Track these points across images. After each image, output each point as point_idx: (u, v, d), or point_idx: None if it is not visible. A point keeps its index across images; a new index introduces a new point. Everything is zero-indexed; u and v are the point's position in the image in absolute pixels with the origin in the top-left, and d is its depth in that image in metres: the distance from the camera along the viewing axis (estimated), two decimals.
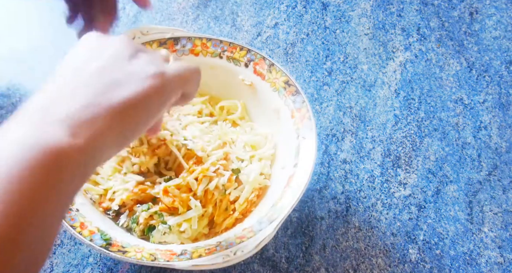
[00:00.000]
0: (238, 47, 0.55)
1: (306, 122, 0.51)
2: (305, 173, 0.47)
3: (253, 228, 0.46)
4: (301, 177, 0.47)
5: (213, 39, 0.55)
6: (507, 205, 0.57)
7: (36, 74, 0.63)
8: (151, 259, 0.43)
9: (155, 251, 0.45)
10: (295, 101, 0.52)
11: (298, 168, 0.49)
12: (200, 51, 0.55)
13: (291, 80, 0.53)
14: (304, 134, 0.50)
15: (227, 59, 0.55)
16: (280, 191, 0.48)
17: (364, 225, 0.55)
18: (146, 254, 0.44)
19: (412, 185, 0.58)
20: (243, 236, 0.45)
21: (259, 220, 0.46)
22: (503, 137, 0.62)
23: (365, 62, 0.67)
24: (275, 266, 0.53)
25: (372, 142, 0.61)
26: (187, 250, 0.45)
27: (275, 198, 0.48)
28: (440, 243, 0.55)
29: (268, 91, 0.54)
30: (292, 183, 0.48)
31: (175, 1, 0.71)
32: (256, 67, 0.54)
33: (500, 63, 0.67)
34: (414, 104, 0.64)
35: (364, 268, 0.53)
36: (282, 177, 0.50)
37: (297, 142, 0.50)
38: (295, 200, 0.46)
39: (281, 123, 0.53)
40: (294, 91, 0.52)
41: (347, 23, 0.70)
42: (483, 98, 0.65)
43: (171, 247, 0.46)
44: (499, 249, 0.55)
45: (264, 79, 0.54)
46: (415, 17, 0.71)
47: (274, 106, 0.54)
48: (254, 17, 0.70)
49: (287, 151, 0.52)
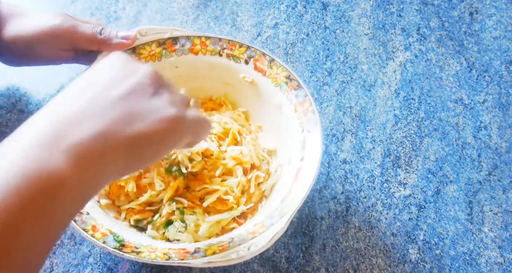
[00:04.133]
0: (237, 44, 0.55)
1: (310, 116, 0.50)
2: (313, 166, 0.47)
3: (265, 223, 0.46)
4: (308, 170, 0.47)
5: (212, 37, 0.55)
6: (507, 205, 0.57)
7: (36, 74, 0.63)
8: (165, 258, 0.43)
9: (168, 250, 0.44)
10: (298, 95, 0.52)
11: (305, 161, 0.49)
12: (200, 50, 0.55)
13: (292, 75, 0.53)
14: (309, 128, 0.50)
15: (227, 57, 0.55)
16: (288, 186, 0.48)
17: (364, 225, 0.55)
18: (160, 253, 0.44)
19: (412, 185, 0.58)
20: (255, 231, 0.45)
21: (269, 215, 0.46)
22: (503, 137, 0.62)
23: (365, 62, 0.67)
24: (275, 266, 0.53)
25: (372, 142, 0.61)
26: (200, 248, 0.45)
27: (284, 193, 0.48)
28: (440, 243, 0.55)
29: (270, 87, 0.54)
30: (300, 177, 0.48)
31: (175, 1, 0.71)
32: (256, 63, 0.54)
33: (500, 63, 0.67)
34: (414, 104, 0.64)
35: (364, 268, 0.53)
36: (289, 171, 0.50)
37: (302, 136, 0.50)
38: (305, 193, 0.45)
39: (284, 118, 0.53)
40: (296, 85, 0.52)
41: (347, 23, 0.70)
42: (483, 98, 0.65)
43: (184, 246, 0.46)
44: (499, 249, 0.55)
45: (265, 75, 0.54)
46: (415, 17, 0.71)
47: (276, 101, 0.54)
48: (254, 17, 0.70)
49: (292, 145, 0.51)
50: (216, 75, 0.56)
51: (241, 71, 0.55)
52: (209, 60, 0.55)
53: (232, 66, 0.55)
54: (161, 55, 0.55)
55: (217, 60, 0.55)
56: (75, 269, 0.51)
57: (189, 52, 0.55)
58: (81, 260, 0.52)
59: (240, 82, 0.56)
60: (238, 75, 0.55)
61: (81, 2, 0.71)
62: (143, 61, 0.54)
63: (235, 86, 0.57)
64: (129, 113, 0.31)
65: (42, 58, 0.54)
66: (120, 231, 0.46)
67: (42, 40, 0.51)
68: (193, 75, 0.57)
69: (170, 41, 0.55)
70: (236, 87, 0.57)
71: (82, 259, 0.52)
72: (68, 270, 0.51)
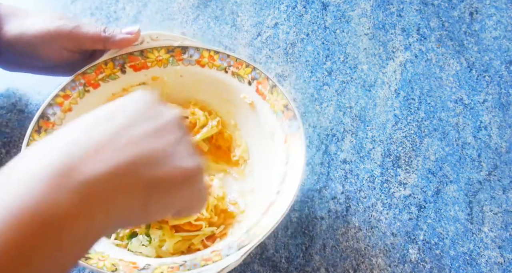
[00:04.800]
0: (244, 63, 0.54)
1: (297, 150, 0.49)
2: (286, 202, 0.46)
3: (222, 252, 0.44)
4: (280, 205, 0.46)
5: (220, 52, 0.54)
6: (507, 205, 0.57)
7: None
8: (112, 269, 0.42)
9: (118, 261, 0.44)
10: (291, 126, 0.51)
11: (280, 195, 0.47)
12: (207, 63, 0.55)
13: (290, 104, 0.51)
14: (293, 161, 0.49)
15: (232, 74, 0.54)
16: (257, 217, 0.47)
17: (364, 225, 0.55)
18: (109, 263, 0.43)
19: (412, 185, 0.58)
20: (209, 258, 0.44)
21: (229, 244, 0.45)
22: (503, 137, 0.62)
23: (365, 62, 0.67)
24: (275, 266, 0.53)
25: (372, 142, 0.61)
26: (150, 265, 0.44)
27: (251, 224, 0.47)
28: (440, 243, 0.55)
29: (267, 112, 0.53)
30: (270, 212, 0.46)
31: (175, 1, 0.71)
32: (259, 86, 0.53)
33: (500, 63, 0.67)
34: (414, 104, 0.64)
35: (364, 268, 0.53)
36: (262, 202, 0.49)
37: (284, 168, 0.49)
38: (269, 229, 0.44)
39: (273, 147, 0.52)
40: (292, 116, 0.51)
41: (347, 23, 0.70)
42: (483, 98, 0.65)
43: (135, 259, 0.45)
44: (499, 249, 0.55)
45: (265, 99, 0.53)
46: (415, 17, 0.71)
47: (270, 128, 0.53)
48: (254, 17, 0.70)
49: (273, 176, 0.50)
50: (218, 90, 0.56)
51: (243, 91, 0.54)
52: (214, 74, 0.55)
53: (235, 84, 0.54)
54: (168, 62, 0.55)
55: (222, 76, 0.55)
56: (75, 269, 0.51)
57: (196, 63, 0.55)
58: None
59: (240, 102, 0.55)
60: (239, 95, 0.55)
61: (81, 2, 0.71)
62: (149, 64, 0.54)
63: (235, 104, 0.56)
64: (149, 154, 0.29)
65: (45, 59, 0.54)
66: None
67: (46, 39, 0.51)
68: (196, 87, 0.56)
69: (179, 50, 0.55)
70: (235, 106, 0.56)
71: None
72: None
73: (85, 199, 0.25)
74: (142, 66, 0.54)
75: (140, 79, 0.55)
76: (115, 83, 0.54)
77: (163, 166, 0.29)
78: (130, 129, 0.29)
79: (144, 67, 0.54)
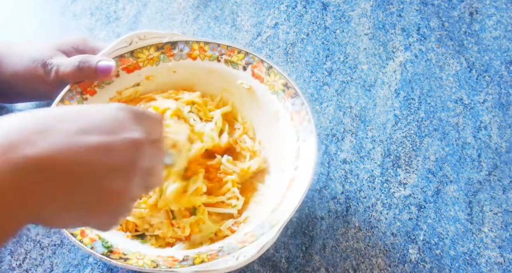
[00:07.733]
0: (236, 50, 0.54)
1: (306, 125, 0.50)
2: (306, 176, 0.47)
3: (255, 232, 0.45)
4: (302, 180, 0.47)
5: (210, 42, 0.55)
6: (507, 205, 0.57)
7: None
8: (152, 265, 0.43)
9: (156, 257, 0.44)
10: (294, 103, 0.52)
11: (299, 171, 0.48)
12: (198, 55, 0.55)
13: (289, 83, 0.52)
14: (304, 137, 0.50)
15: (225, 63, 0.55)
16: (280, 196, 0.48)
17: (364, 225, 0.55)
18: (148, 261, 0.44)
19: (412, 185, 0.58)
20: (245, 240, 0.45)
21: (260, 225, 0.46)
22: (503, 137, 0.62)
23: (365, 62, 0.67)
24: (275, 266, 0.53)
25: (372, 142, 0.61)
26: (189, 256, 0.45)
27: (275, 203, 0.48)
28: (440, 243, 0.55)
29: (267, 94, 0.54)
30: (293, 187, 0.47)
31: (175, 1, 0.71)
32: (254, 70, 0.54)
33: (500, 63, 0.67)
34: (414, 104, 0.64)
35: (364, 268, 0.53)
36: (282, 180, 0.50)
37: (297, 144, 0.50)
38: (297, 203, 0.45)
39: (280, 126, 0.53)
40: (293, 93, 0.52)
41: (347, 23, 0.70)
42: (483, 98, 0.65)
43: (172, 253, 0.46)
44: (499, 249, 0.55)
45: (263, 82, 0.54)
46: (415, 17, 0.71)
47: (273, 109, 0.54)
48: (254, 17, 0.70)
49: (287, 154, 0.51)
50: (214, 81, 0.56)
51: (239, 77, 0.55)
52: (207, 65, 0.55)
53: (230, 72, 0.55)
54: (159, 60, 0.55)
55: (215, 66, 0.55)
56: (75, 269, 0.51)
57: (187, 57, 0.55)
58: (81, 260, 0.52)
59: (238, 89, 0.55)
60: (236, 82, 0.55)
61: (81, 2, 0.71)
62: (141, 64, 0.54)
63: (233, 92, 0.56)
64: (82, 162, 0.28)
65: (28, 95, 0.56)
66: (109, 236, 0.45)
67: (19, 80, 0.53)
68: (191, 80, 0.57)
69: (168, 46, 0.55)
70: (234, 93, 0.56)
71: (82, 259, 0.52)
72: (68, 270, 0.51)
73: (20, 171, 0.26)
74: (134, 67, 0.54)
75: (134, 80, 0.55)
76: (110, 88, 0.54)
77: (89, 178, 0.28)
78: (82, 135, 0.28)
79: (136, 67, 0.55)
